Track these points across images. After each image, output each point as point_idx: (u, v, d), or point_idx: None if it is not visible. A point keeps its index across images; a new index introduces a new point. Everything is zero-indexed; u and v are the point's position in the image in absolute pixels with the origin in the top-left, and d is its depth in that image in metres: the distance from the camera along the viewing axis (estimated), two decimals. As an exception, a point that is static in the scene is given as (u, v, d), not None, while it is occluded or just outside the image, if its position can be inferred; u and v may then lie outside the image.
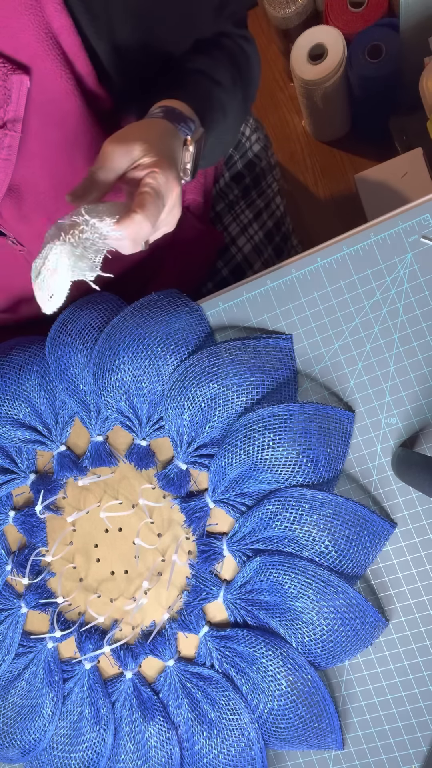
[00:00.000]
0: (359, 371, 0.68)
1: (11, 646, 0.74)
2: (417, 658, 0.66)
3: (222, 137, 0.69)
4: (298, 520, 0.64)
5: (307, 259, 0.68)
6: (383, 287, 0.66)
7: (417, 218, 0.65)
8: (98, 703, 0.71)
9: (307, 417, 0.65)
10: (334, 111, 1.41)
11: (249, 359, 0.68)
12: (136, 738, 0.69)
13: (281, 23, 1.39)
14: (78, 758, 0.71)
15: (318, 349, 0.69)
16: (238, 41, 0.73)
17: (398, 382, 0.66)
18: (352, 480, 0.68)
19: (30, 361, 0.73)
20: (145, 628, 0.71)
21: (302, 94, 1.37)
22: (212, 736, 0.66)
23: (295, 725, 0.65)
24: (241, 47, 0.73)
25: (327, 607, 0.63)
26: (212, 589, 0.68)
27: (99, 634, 0.73)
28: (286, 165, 1.55)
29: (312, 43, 1.28)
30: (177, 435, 0.69)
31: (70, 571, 0.75)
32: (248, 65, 0.74)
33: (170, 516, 0.71)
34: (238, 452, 0.65)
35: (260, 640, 0.65)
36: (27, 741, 0.73)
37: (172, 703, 0.69)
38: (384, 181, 1.21)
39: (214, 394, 0.67)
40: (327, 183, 1.54)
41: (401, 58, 1.27)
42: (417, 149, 1.20)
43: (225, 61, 0.69)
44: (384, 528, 0.65)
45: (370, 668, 0.67)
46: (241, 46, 0.73)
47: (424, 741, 0.66)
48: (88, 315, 0.71)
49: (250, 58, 0.74)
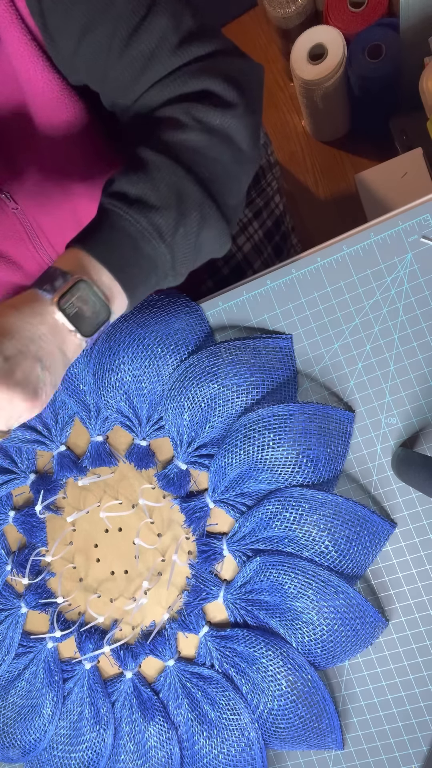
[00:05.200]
0: (359, 371, 0.68)
1: (11, 646, 0.74)
2: (417, 658, 0.66)
3: (177, 269, 0.55)
4: (298, 520, 0.64)
5: (307, 259, 0.68)
6: (383, 287, 0.66)
7: (417, 218, 0.65)
8: (98, 703, 0.71)
9: (307, 417, 0.65)
10: (334, 111, 1.41)
11: (249, 359, 0.68)
12: (136, 738, 0.69)
13: (281, 23, 1.39)
14: (78, 758, 0.71)
15: (318, 349, 0.69)
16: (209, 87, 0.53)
17: (398, 382, 0.66)
18: (352, 480, 0.68)
19: (30, 361, 0.73)
20: (145, 628, 0.71)
21: (302, 94, 1.37)
22: (212, 736, 0.66)
23: (295, 725, 0.65)
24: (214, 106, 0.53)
25: (327, 607, 0.63)
26: (212, 589, 0.68)
27: (99, 634, 0.73)
28: (286, 165, 1.55)
29: (312, 43, 1.28)
30: (177, 435, 0.69)
31: (70, 571, 0.75)
32: (223, 145, 0.54)
33: (170, 516, 0.71)
34: (238, 452, 0.65)
35: (260, 640, 0.65)
36: (27, 741, 0.73)
37: (172, 703, 0.69)
38: (384, 181, 1.21)
39: (214, 394, 0.67)
40: (327, 183, 1.54)
41: (401, 58, 1.27)
42: (417, 149, 1.21)
43: (171, 170, 0.53)
44: (384, 528, 0.65)
45: (370, 668, 0.67)
46: (213, 100, 0.53)
47: (424, 741, 0.66)
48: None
49: (225, 127, 0.54)
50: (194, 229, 0.53)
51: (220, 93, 0.53)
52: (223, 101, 0.53)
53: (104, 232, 0.52)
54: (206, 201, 0.53)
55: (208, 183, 0.54)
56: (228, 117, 0.53)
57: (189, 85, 0.53)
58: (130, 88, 0.54)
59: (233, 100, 0.53)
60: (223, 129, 0.53)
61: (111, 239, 0.51)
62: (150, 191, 0.52)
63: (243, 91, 0.54)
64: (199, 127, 0.53)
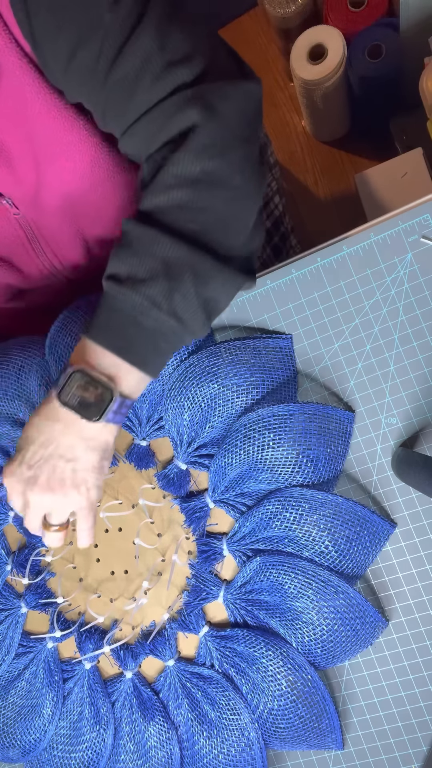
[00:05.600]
0: (359, 371, 0.68)
1: (11, 646, 0.74)
2: (417, 658, 0.66)
3: (181, 335, 0.55)
4: (298, 520, 0.64)
5: (307, 259, 0.68)
6: (383, 287, 0.66)
7: (417, 218, 0.65)
8: (98, 703, 0.71)
9: (307, 417, 0.65)
10: (334, 111, 1.41)
11: (249, 359, 0.68)
12: (136, 738, 0.69)
13: (281, 23, 1.38)
14: (78, 758, 0.71)
15: (318, 349, 0.69)
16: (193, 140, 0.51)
17: (398, 382, 0.66)
18: (352, 480, 0.68)
19: (30, 361, 0.73)
20: (145, 628, 0.71)
21: (302, 94, 1.37)
22: (212, 736, 0.66)
23: (295, 725, 0.65)
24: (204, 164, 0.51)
25: (327, 607, 0.63)
26: (212, 589, 0.68)
27: (99, 634, 0.73)
28: (286, 165, 1.55)
29: (312, 43, 1.28)
30: (177, 435, 0.69)
31: (70, 571, 0.75)
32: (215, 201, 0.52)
33: (170, 516, 0.71)
34: (238, 452, 0.65)
35: (260, 640, 0.65)
36: (27, 741, 0.73)
37: (172, 703, 0.69)
38: (384, 181, 1.21)
39: (214, 394, 0.67)
40: (327, 183, 1.54)
41: (401, 58, 1.27)
42: (417, 149, 1.21)
43: (156, 243, 0.52)
44: (384, 528, 0.65)
45: (370, 668, 0.68)
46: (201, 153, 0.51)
47: (424, 741, 0.66)
48: (88, 315, 0.71)
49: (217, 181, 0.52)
50: (191, 289, 0.53)
51: (202, 131, 0.51)
52: (206, 140, 0.51)
53: (103, 316, 0.54)
54: (197, 258, 0.52)
55: (200, 236, 0.53)
56: (211, 160, 0.51)
57: (172, 123, 0.51)
58: (118, 117, 0.54)
59: (217, 137, 0.51)
60: (207, 175, 0.51)
61: (110, 321, 0.53)
62: (137, 266, 0.52)
63: (229, 123, 0.51)
64: (180, 182, 0.51)
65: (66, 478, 0.57)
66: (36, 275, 0.74)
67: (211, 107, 0.50)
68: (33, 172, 0.61)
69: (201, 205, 0.52)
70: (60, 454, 0.56)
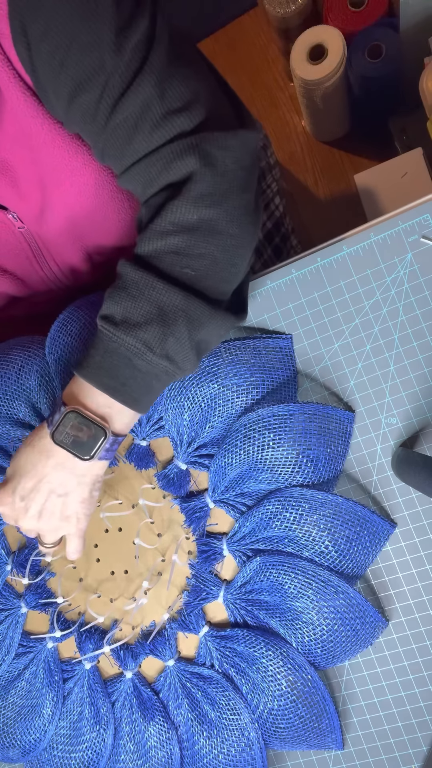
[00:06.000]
0: (359, 371, 0.68)
1: (11, 646, 0.74)
2: (417, 658, 0.66)
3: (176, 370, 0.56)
4: (298, 520, 0.64)
5: (307, 259, 0.68)
6: (383, 287, 0.66)
7: (417, 218, 0.65)
8: (98, 703, 0.71)
9: (307, 417, 0.65)
10: (334, 111, 1.41)
11: (249, 359, 0.68)
12: (136, 738, 0.69)
13: (281, 23, 1.39)
14: (78, 758, 0.71)
15: (318, 349, 0.69)
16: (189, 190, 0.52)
17: (398, 382, 0.66)
18: (352, 480, 0.68)
19: (30, 361, 0.73)
20: (145, 628, 0.71)
21: (302, 94, 1.37)
22: (212, 736, 0.66)
23: (295, 725, 0.65)
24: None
25: (327, 607, 0.63)
26: (212, 589, 0.68)
27: (99, 634, 0.73)
28: (286, 165, 1.55)
29: (312, 43, 1.28)
30: (177, 435, 0.69)
31: (70, 571, 0.75)
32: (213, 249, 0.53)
33: (170, 516, 0.71)
34: (238, 452, 0.65)
35: (260, 640, 0.65)
36: (27, 741, 0.73)
37: (172, 703, 0.69)
38: (384, 181, 1.21)
39: (214, 394, 0.67)
40: (327, 183, 1.54)
41: (401, 58, 1.27)
42: (417, 149, 1.21)
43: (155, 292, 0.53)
44: (384, 528, 0.65)
45: (370, 668, 0.68)
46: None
47: (424, 741, 0.66)
48: (88, 315, 0.71)
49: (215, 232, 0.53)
50: (184, 333, 0.54)
51: (201, 179, 0.51)
52: (204, 189, 0.52)
53: (97, 357, 0.55)
54: (191, 304, 0.53)
55: (195, 282, 0.54)
56: (208, 209, 0.52)
57: (171, 169, 0.52)
58: (117, 159, 0.54)
59: (215, 186, 0.52)
60: (204, 223, 0.52)
61: (104, 362, 0.55)
62: (132, 310, 0.53)
63: (227, 172, 0.52)
64: (177, 229, 0.52)
65: (56, 511, 0.60)
66: (39, 285, 0.75)
67: (209, 156, 0.51)
68: (38, 192, 0.62)
69: (197, 252, 0.53)
70: (51, 489, 0.59)
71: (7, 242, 0.67)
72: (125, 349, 0.54)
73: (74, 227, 0.67)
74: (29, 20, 0.48)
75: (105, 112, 0.51)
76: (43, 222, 0.65)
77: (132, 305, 0.53)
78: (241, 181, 0.54)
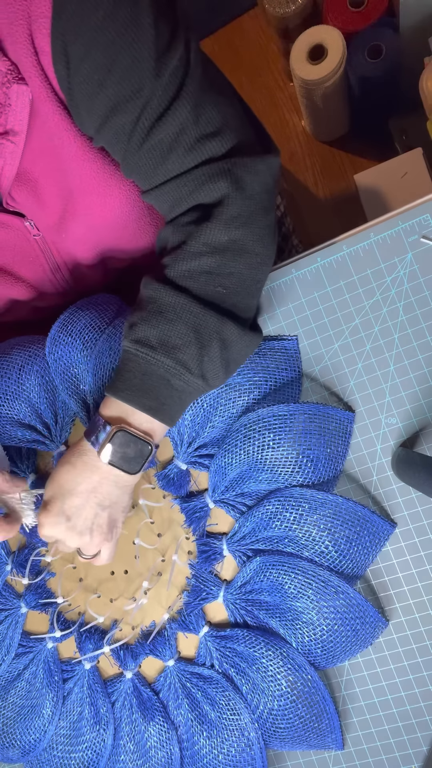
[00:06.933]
0: (359, 371, 0.68)
1: (11, 646, 0.74)
2: (417, 658, 0.66)
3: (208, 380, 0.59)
4: (298, 520, 0.64)
5: (307, 259, 0.68)
6: (383, 287, 0.66)
7: (417, 218, 0.65)
8: (98, 703, 0.71)
9: (307, 417, 0.65)
10: (333, 111, 1.41)
11: (252, 359, 0.68)
12: (136, 738, 0.69)
13: (281, 23, 1.39)
14: (78, 758, 0.71)
15: (318, 349, 0.69)
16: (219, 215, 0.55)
17: (398, 382, 0.66)
18: (352, 480, 0.68)
19: (30, 361, 0.73)
20: (145, 628, 0.71)
21: (302, 94, 1.37)
22: (212, 736, 0.66)
23: (295, 725, 0.65)
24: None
25: (327, 607, 0.63)
26: (212, 589, 0.68)
27: (99, 634, 0.73)
28: (286, 165, 1.56)
29: (312, 43, 1.28)
30: (177, 435, 0.69)
31: (70, 571, 0.75)
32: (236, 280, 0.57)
33: (170, 516, 0.71)
34: (238, 452, 0.65)
35: (260, 640, 0.65)
36: (27, 741, 0.73)
37: (172, 703, 0.69)
38: (384, 181, 1.21)
39: (216, 394, 0.67)
40: (327, 183, 1.54)
41: (401, 58, 1.27)
42: (417, 149, 1.21)
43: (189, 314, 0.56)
44: (384, 528, 0.65)
45: (370, 668, 0.68)
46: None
47: (424, 741, 0.66)
48: (89, 315, 0.71)
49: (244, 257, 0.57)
50: (217, 353, 0.57)
51: (232, 203, 0.54)
52: (235, 212, 0.55)
53: (137, 380, 0.57)
54: (224, 324, 0.57)
55: (225, 298, 0.57)
56: (238, 230, 0.55)
57: (202, 192, 0.55)
58: (146, 177, 0.56)
59: (244, 208, 0.55)
60: (234, 243, 0.55)
61: (144, 384, 0.57)
62: (169, 332, 0.56)
63: (253, 195, 0.55)
64: (210, 250, 0.55)
65: (104, 524, 0.62)
66: (49, 290, 0.75)
67: (240, 180, 0.54)
68: (60, 202, 0.63)
69: (227, 271, 0.56)
70: (97, 502, 0.61)
71: (22, 249, 0.69)
72: (164, 370, 0.56)
73: (95, 236, 0.68)
74: (71, 40, 0.49)
75: (141, 134, 0.53)
76: (61, 230, 0.66)
77: (169, 328, 0.56)
78: (266, 203, 0.57)
